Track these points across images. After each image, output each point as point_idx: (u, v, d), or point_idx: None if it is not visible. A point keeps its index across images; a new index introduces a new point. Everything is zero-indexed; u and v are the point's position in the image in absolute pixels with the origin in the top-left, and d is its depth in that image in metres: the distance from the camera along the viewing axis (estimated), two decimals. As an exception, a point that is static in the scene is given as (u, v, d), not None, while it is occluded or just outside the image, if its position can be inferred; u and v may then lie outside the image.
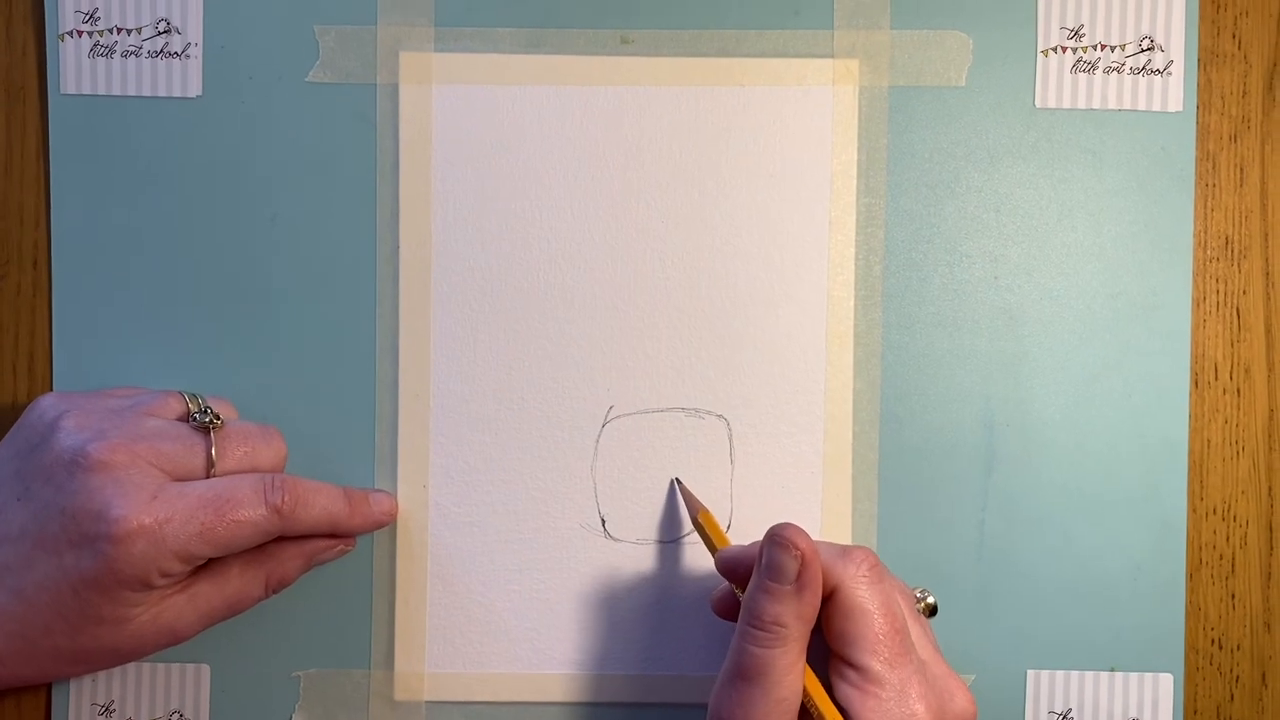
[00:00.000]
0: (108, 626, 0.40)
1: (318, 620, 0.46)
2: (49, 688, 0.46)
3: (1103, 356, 0.46)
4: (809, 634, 0.39)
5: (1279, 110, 0.46)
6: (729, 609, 0.42)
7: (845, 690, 0.38)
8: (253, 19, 0.46)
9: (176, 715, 0.46)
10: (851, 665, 0.38)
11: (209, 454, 0.41)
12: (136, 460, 0.40)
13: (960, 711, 0.39)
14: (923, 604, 0.43)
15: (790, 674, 0.38)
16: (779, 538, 0.38)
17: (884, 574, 0.39)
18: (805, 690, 0.38)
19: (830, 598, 0.39)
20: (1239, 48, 0.46)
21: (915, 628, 0.40)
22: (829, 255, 0.46)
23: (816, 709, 0.38)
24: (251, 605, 0.44)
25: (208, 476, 0.41)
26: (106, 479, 0.39)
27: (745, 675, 0.38)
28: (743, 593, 0.40)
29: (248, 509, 0.41)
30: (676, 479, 0.46)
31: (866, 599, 0.38)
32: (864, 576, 0.39)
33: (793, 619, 0.38)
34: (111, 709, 0.46)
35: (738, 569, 0.41)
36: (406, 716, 0.46)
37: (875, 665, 0.38)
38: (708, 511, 0.44)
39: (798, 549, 0.38)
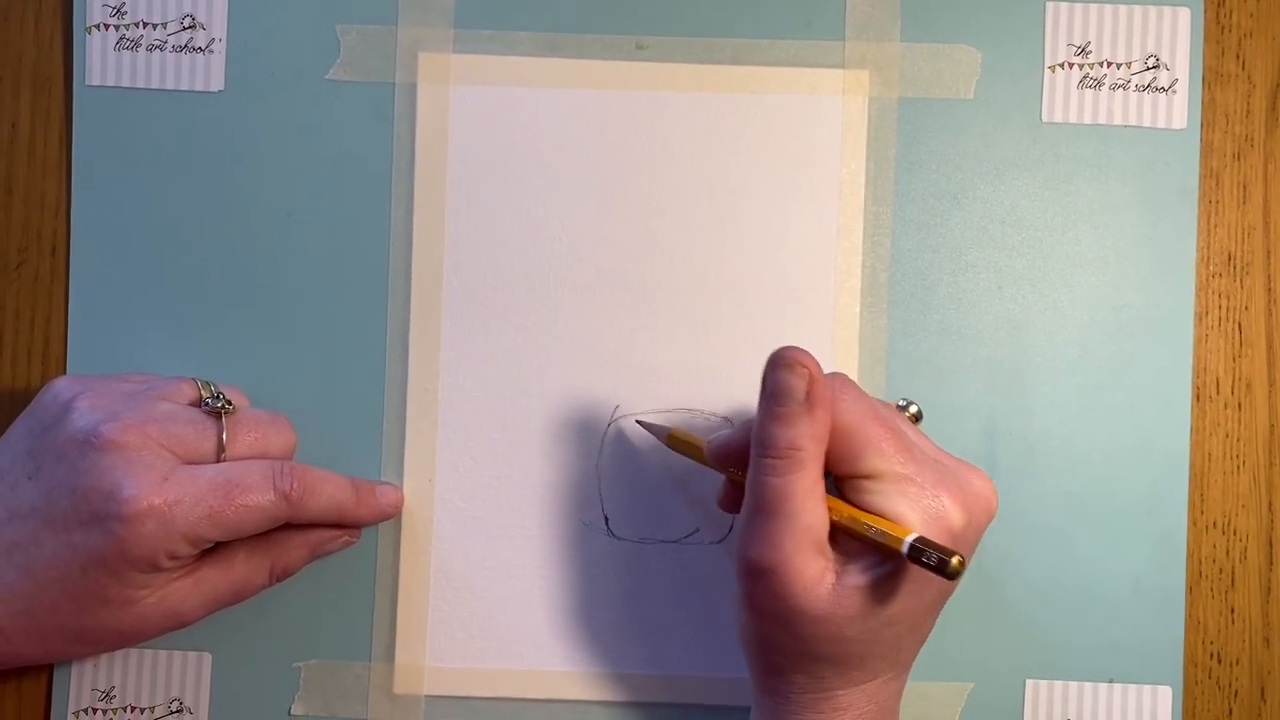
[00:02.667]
0: (113, 607, 0.41)
1: (320, 611, 0.46)
2: (50, 673, 0.46)
3: (1105, 368, 0.47)
4: (824, 456, 0.38)
5: (1282, 130, 0.47)
6: (735, 500, 0.42)
7: (869, 501, 0.37)
8: (276, 17, 0.46)
9: (176, 703, 0.46)
10: (865, 476, 0.38)
11: (220, 439, 0.42)
12: (148, 442, 0.40)
13: (979, 491, 0.39)
14: (907, 413, 0.43)
15: (811, 498, 0.37)
16: (785, 359, 0.38)
17: (859, 389, 0.39)
18: (834, 509, 0.38)
19: None
20: (1242, 68, 0.47)
21: (910, 430, 0.40)
22: (836, 262, 0.47)
23: (854, 519, 0.37)
24: (255, 592, 0.44)
25: (218, 461, 0.42)
26: (118, 459, 0.40)
27: (766, 509, 0.37)
28: (742, 476, 0.40)
29: (256, 494, 0.41)
30: (636, 419, 0.46)
31: (852, 412, 0.38)
32: (844, 393, 0.38)
33: (808, 440, 0.37)
34: (112, 695, 0.46)
35: (730, 454, 0.41)
36: (406, 710, 0.46)
37: (887, 466, 0.37)
38: (675, 427, 0.45)
39: (804, 367, 0.37)
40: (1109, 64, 0.47)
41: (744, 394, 0.46)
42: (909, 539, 0.36)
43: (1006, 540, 0.46)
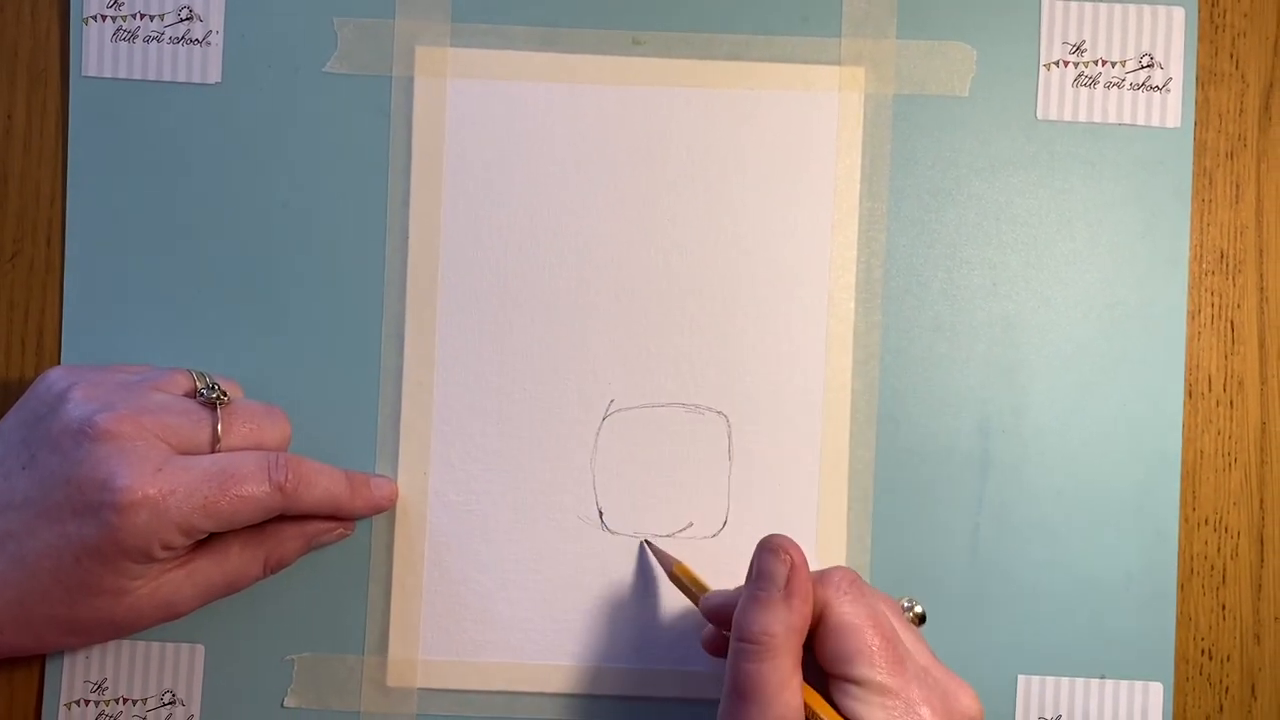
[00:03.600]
0: (107, 598, 0.41)
1: (313, 604, 0.46)
2: (42, 665, 0.46)
3: (1098, 365, 0.47)
4: (800, 649, 0.38)
5: (1275, 129, 0.47)
6: (718, 646, 0.43)
7: (850, 705, 0.37)
8: (273, 9, 0.47)
9: (169, 695, 0.46)
10: (851, 681, 0.38)
11: (215, 429, 0.42)
12: (143, 432, 0.40)
13: (965, 710, 0.39)
14: (910, 613, 0.43)
15: (785, 690, 0.37)
16: (770, 544, 0.39)
17: (865, 588, 0.39)
18: (808, 707, 0.38)
19: (817, 621, 0.39)
20: (1236, 67, 0.47)
21: (908, 636, 0.40)
22: (830, 257, 0.47)
23: None
24: (249, 584, 0.44)
25: (213, 452, 0.42)
26: (112, 449, 0.40)
27: (740, 693, 0.38)
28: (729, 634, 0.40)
29: (251, 485, 0.41)
30: (645, 541, 0.46)
31: (852, 614, 0.38)
32: (846, 593, 0.39)
33: (782, 628, 0.38)
34: (104, 686, 0.46)
35: (724, 612, 0.41)
36: (399, 702, 0.46)
37: (874, 676, 0.37)
38: (682, 563, 0.45)
39: (786, 553, 0.38)
40: (1104, 62, 0.47)
41: (738, 390, 0.47)
42: None
43: (999, 536, 0.46)
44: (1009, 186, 0.47)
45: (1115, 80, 0.47)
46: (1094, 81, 0.47)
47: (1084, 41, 0.47)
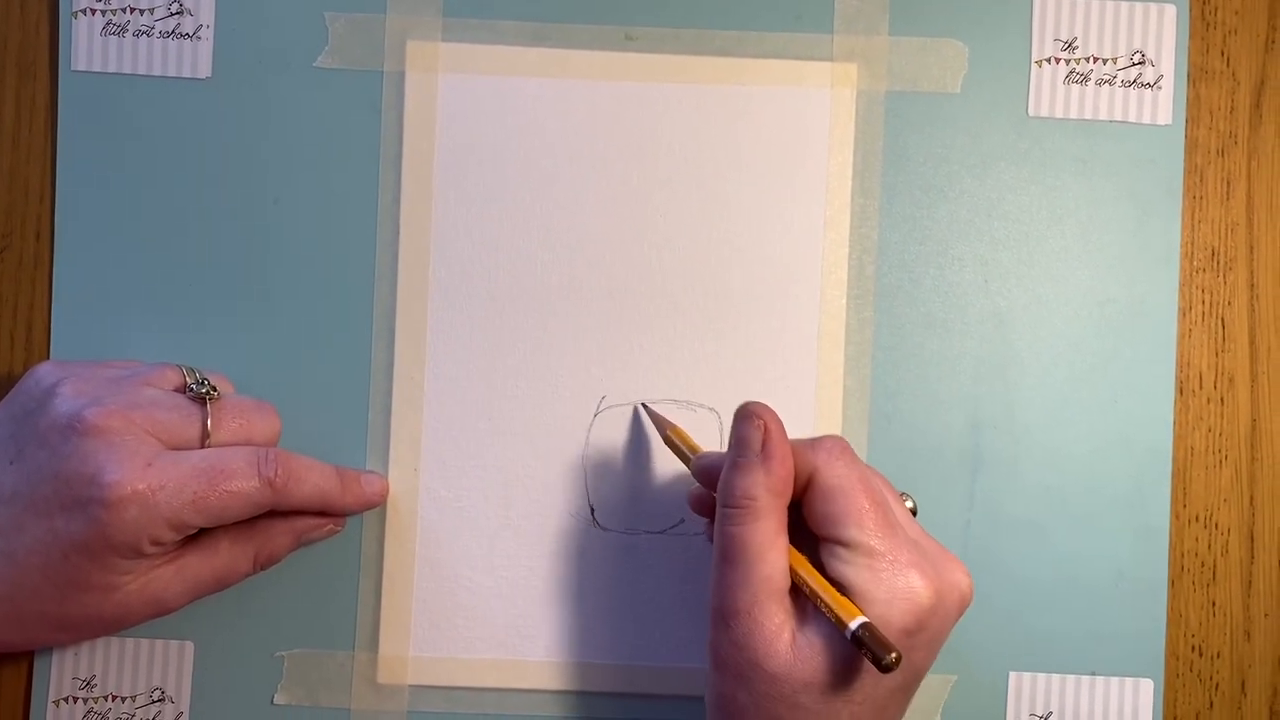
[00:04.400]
0: (96, 593, 0.40)
1: (303, 601, 0.46)
2: (31, 662, 0.45)
3: (1090, 362, 0.47)
4: (784, 512, 0.38)
5: (1265, 127, 0.47)
6: (704, 506, 0.43)
7: (837, 568, 0.37)
8: (264, 4, 0.46)
9: (158, 692, 0.46)
10: (840, 543, 0.38)
11: (204, 424, 0.42)
12: (132, 427, 0.40)
13: (954, 581, 0.38)
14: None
15: (771, 550, 0.38)
16: (744, 411, 0.39)
17: (856, 456, 0.39)
18: (793, 570, 0.38)
19: (808, 485, 0.39)
20: (1227, 65, 0.47)
21: (900, 510, 0.39)
22: (823, 254, 0.47)
23: (808, 585, 0.37)
24: (239, 580, 0.44)
25: (202, 447, 0.42)
26: (101, 444, 0.39)
27: (726, 557, 0.38)
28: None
29: (241, 480, 0.41)
30: (641, 404, 0.46)
31: (843, 477, 0.38)
32: (838, 458, 0.39)
33: (762, 491, 0.38)
34: (93, 683, 0.45)
35: (713, 473, 0.41)
36: (389, 699, 0.46)
37: (862, 538, 0.37)
38: (677, 426, 0.45)
39: (760, 419, 0.39)
40: (1095, 59, 0.47)
41: (729, 386, 0.47)
42: (855, 622, 0.36)
43: (990, 533, 0.46)
44: (1000, 183, 0.47)
45: (1106, 77, 0.47)
46: (1085, 78, 0.47)
47: (1075, 38, 0.47)
